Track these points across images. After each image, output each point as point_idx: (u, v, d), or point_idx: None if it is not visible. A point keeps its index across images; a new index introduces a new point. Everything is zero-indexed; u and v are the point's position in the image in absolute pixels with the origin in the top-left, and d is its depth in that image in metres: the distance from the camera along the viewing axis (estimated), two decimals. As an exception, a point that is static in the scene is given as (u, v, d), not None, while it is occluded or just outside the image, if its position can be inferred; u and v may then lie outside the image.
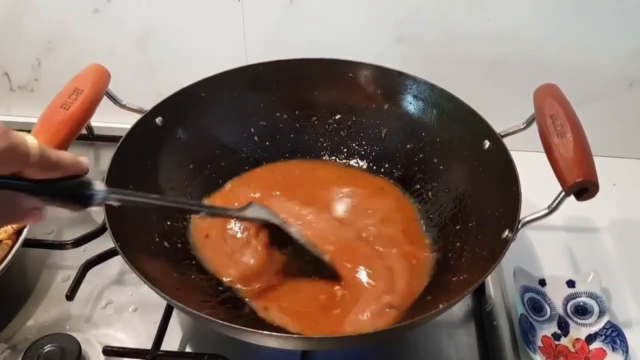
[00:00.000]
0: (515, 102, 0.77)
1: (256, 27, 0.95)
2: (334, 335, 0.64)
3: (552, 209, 0.62)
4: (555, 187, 0.62)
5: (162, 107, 0.78)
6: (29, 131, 0.64)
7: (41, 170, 0.43)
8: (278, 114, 0.89)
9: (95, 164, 0.99)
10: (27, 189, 0.43)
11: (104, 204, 0.49)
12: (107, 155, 0.98)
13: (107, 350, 0.69)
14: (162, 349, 0.70)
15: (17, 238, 0.74)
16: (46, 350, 0.67)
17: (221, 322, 0.56)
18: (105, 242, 0.79)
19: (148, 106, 0.77)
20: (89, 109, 0.69)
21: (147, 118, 0.76)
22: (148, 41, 0.98)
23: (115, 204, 0.53)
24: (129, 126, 0.74)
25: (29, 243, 0.77)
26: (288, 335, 0.59)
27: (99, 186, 0.48)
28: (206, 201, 0.83)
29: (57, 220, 0.89)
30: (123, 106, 0.77)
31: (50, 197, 0.46)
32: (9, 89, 1.07)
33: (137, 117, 0.76)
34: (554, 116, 0.66)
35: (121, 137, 0.73)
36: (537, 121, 0.69)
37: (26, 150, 0.42)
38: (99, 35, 0.98)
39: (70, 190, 0.46)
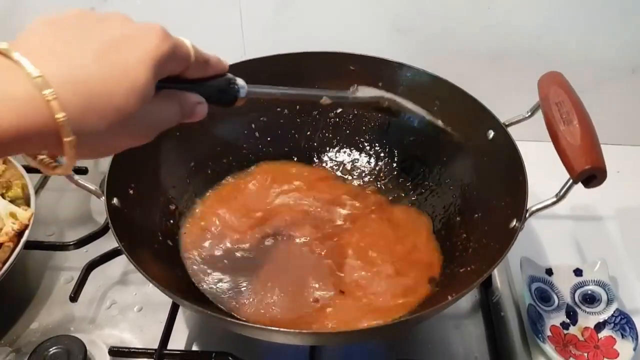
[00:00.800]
0: (518, 92, 0.76)
1: (254, 21, 0.94)
2: (343, 330, 0.63)
3: (560, 197, 0.61)
4: (559, 177, 0.62)
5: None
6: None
7: (197, 69, 0.45)
8: (279, 109, 0.88)
9: (95, 165, 0.99)
10: (188, 88, 0.46)
11: (246, 99, 0.51)
12: (107, 154, 0.98)
13: (113, 351, 0.69)
14: (168, 348, 0.69)
15: (19, 240, 0.73)
16: (51, 352, 0.67)
17: (229, 319, 0.56)
18: (107, 243, 0.78)
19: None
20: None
21: (146, 115, 0.75)
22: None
23: (255, 96, 0.54)
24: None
25: (30, 245, 0.76)
26: (297, 330, 0.58)
27: (241, 82, 0.50)
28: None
29: (59, 222, 0.88)
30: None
31: (206, 94, 0.48)
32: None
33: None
34: (559, 104, 0.65)
35: (121, 136, 0.72)
36: (542, 109, 0.69)
37: (188, 50, 0.44)
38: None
39: (222, 86, 0.49)
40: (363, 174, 0.88)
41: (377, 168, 0.88)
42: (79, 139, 0.36)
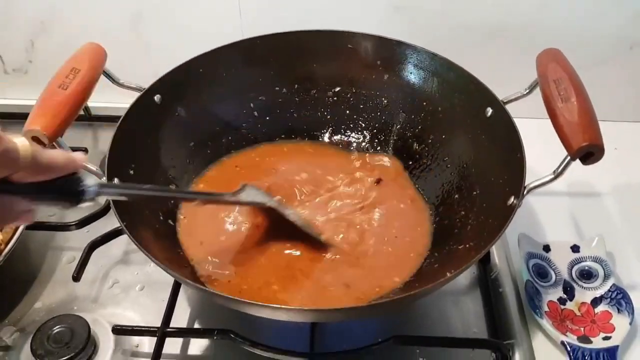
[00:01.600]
0: (516, 69, 0.76)
1: (251, 0, 0.94)
2: (343, 306, 0.64)
3: (557, 174, 0.62)
4: (556, 153, 0.62)
5: (161, 85, 0.77)
6: (26, 114, 0.63)
7: (33, 174, 0.42)
8: (277, 88, 0.88)
9: (94, 145, 0.99)
10: (18, 192, 0.42)
11: (95, 199, 0.48)
12: (105, 135, 0.99)
13: (117, 329, 0.70)
14: (171, 326, 0.70)
15: (21, 221, 0.73)
16: (55, 331, 0.68)
17: (231, 297, 0.56)
18: (109, 223, 0.79)
19: (144, 85, 0.76)
20: (87, 88, 0.68)
21: (146, 96, 0.76)
22: (142, 18, 0.97)
23: (107, 197, 0.52)
24: (127, 105, 0.74)
25: (32, 226, 0.77)
26: (297, 308, 0.59)
27: (90, 181, 0.47)
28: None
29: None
30: (121, 85, 0.76)
31: (41, 198, 0.45)
32: (3, 71, 1.06)
33: (135, 95, 0.75)
34: (557, 81, 0.65)
35: (119, 116, 0.72)
36: (540, 86, 0.69)
37: (16, 155, 0.41)
38: (92, 15, 0.97)
39: (61, 189, 0.45)
40: (362, 152, 0.89)
41: (375, 146, 0.89)
42: None
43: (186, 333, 0.72)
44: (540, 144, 0.70)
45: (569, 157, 0.60)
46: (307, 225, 0.75)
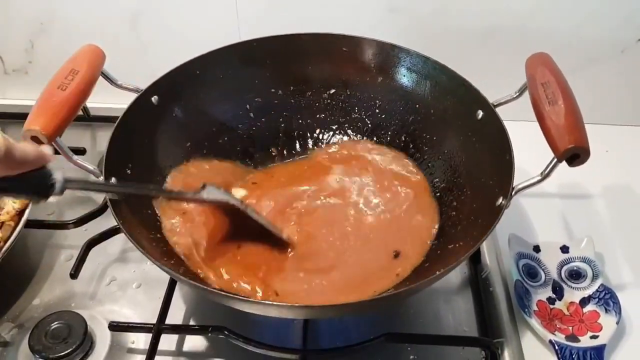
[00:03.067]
0: (508, 72, 0.77)
1: (249, 2, 0.95)
2: (335, 303, 0.65)
3: (544, 175, 0.63)
4: (547, 156, 0.63)
5: (158, 86, 0.78)
6: (26, 114, 0.64)
7: (5, 168, 0.43)
8: (273, 90, 0.89)
9: (92, 145, 1.00)
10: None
11: (63, 192, 0.48)
12: (103, 135, 1.00)
13: (113, 326, 0.71)
14: (166, 322, 0.72)
15: (20, 219, 0.75)
16: (53, 327, 0.69)
17: (223, 293, 0.57)
18: (106, 221, 0.80)
19: (142, 86, 0.77)
20: (86, 89, 0.69)
21: (143, 97, 0.77)
22: (140, 20, 0.98)
23: (75, 192, 0.53)
24: (125, 106, 0.75)
25: (31, 224, 0.78)
26: (290, 304, 0.60)
27: (58, 176, 0.47)
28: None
29: (58, 201, 0.89)
30: (119, 86, 0.77)
31: (13, 191, 0.46)
32: (4, 72, 1.07)
33: (133, 96, 0.76)
34: (545, 84, 0.66)
35: (117, 117, 0.73)
36: (529, 90, 0.70)
37: None
38: (91, 16, 0.98)
39: (32, 183, 0.46)
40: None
41: (369, 148, 0.90)
42: None
43: (181, 330, 0.73)
44: (529, 146, 0.71)
45: (555, 159, 0.62)
46: (269, 224, 0.75)
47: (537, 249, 0.80)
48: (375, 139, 0.89)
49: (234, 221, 0.75)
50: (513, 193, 0.64)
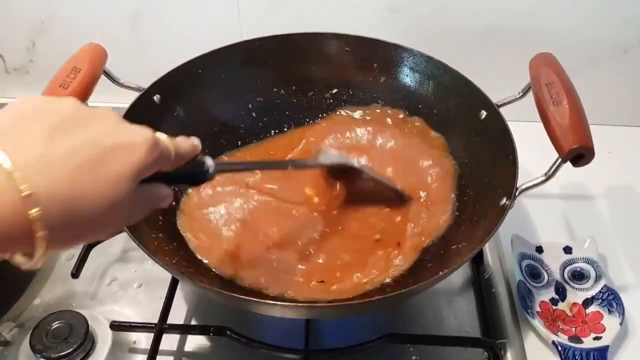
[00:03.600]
0: (511, 72, 0.77)
1: (250, 1, 0.94)
2: (337, 303, 0.65)
3: (548, 176, 0.63)
4: (550, 156, 0.63)
5: (160, 85, 0.78)
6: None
7: (174, 164, 0.46)
8: (275, 89, 0.89)
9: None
10: (164, 179, 0.46)
11: (214, 177, 0.52)
12: (105, 135, 0.99)
13: (115, 326, 0.71)
14: (168, 322, 0.71)
15: (21, 218, 0.74)
16: (54, 327, 0.69)
17: (226, 292, 0.57)
18: (107, 221, 0.80)
19: (144, 85, 0.77)
20: (88, 88, 0.69)
21: (145, 96, 0.76)
22: (140, 19, 0.98)
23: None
24: (126, 105, 0.74)
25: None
26: (292, 304, 0.60)
27: (209, 162, 0.51)
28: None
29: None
30: (121, 85, 0.77)
31: (178, 182, 0.51)
32: (5, 71, 1.07)
33: (135, 95, 0.76)
34: (549, 84, 0.66)
35: (120, 115, 0.73)
36: (533, 90, 0.70)
37: (169, 155, 0.44)
38: (92, 15, 0.98)
39: (192, 171, 0.50)
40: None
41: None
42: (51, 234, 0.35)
43: (183, 329, 0.73)
44: (534, 147, 0.71)
45: (559, 159, 0.61)
46: (384, 179, 0.78)
47: (539, 249, 0.80)
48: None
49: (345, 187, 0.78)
50: (517, 194, 0.64)
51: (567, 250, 0.80)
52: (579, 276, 0.78)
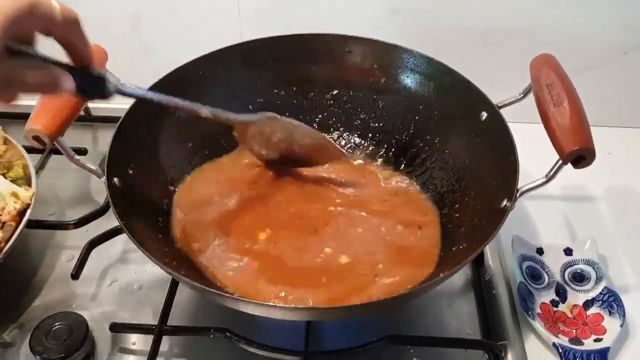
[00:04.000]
0: (512, 74, 0.77)
1: (251, 3, 0.94)
2: (338, 305, 0.65)
3: (549, 177, 0.63)
4: (551, 157, 0.63)
5: (160, 86, 0.77)
6: (27, 114, 0.64)
7: (63, 31, 0.46)
8: (275, 90, 0.89)
9: (94, 145, 1.00)
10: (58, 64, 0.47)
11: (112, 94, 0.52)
12: (105, 135, 1.00)
13: (114, 327, 0.71)
14: (168, 323, 0.71)
15: (21, 219, 0.74)
16: (54, 328, 0.68)
17: (225, 294, 0.57)
18: (107, 222, 0.80)
19: (144, 86, 0.77)
20: (88, 89, 0.69)
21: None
22: (142, 20, 0.98)
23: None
24: (127, 106, 0.74)
25: (32, 224, 0.78)
26: (292, 306, 0.60)
27: (112, 78, 0.52)
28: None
29: (59, 201, 0.90)
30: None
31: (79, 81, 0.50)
32: (5, 71, 1.06)
33: (135, 96, 0.76)
34: (550, 86, 0.66)
35: (119, 117, 0.73)
36: (533, 91, 0.70)
37: (48, 8, 0.43)
38: (92, 16, 0.97)
39: (86, 73, 0.50)
40: (357, 155, 0.89)
41: (371, 149, 0.89)
42: None
43: (182, 331, 0.73)
44: (535, 148, 0.70)
45: (560, 161, 0.61)
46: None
47: (540, 251, 0.80)
48: (377, 139, 0.89)
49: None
50: (518, 195, 0.64)
51: (568, 251, 0.80)
52: (579, 278, 0.77)
